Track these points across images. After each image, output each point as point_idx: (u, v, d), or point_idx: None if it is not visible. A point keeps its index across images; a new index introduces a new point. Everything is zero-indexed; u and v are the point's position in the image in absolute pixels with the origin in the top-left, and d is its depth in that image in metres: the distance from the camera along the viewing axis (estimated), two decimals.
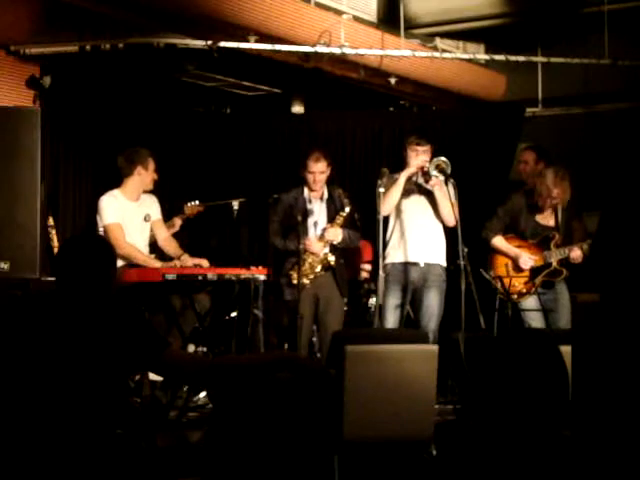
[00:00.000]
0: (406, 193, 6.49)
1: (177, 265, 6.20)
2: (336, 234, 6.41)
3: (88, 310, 3.04)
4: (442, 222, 6.51)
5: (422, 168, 6.43)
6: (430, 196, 6.52)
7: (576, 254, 6.41)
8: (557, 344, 2.28)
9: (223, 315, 7.34)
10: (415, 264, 6.47)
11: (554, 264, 6.52)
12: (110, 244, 3.36)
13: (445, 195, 6.37)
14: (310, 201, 6.53)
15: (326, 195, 6.56)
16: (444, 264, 6.54)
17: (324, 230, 6.46)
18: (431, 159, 6.42)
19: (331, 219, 6.47)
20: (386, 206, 6.36)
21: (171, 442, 5.41)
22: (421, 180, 6.54)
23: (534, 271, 6.56)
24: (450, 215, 6.33)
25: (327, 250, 6.44)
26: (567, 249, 6.47)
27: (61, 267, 3.12)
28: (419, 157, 6.42)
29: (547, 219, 6.61)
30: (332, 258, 6.42)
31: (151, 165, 6.38)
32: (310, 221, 6.50)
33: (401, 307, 6.50)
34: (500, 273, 6.58)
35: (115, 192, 6.35)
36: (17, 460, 2.86)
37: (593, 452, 2.93)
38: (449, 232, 6.54)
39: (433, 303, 6.44)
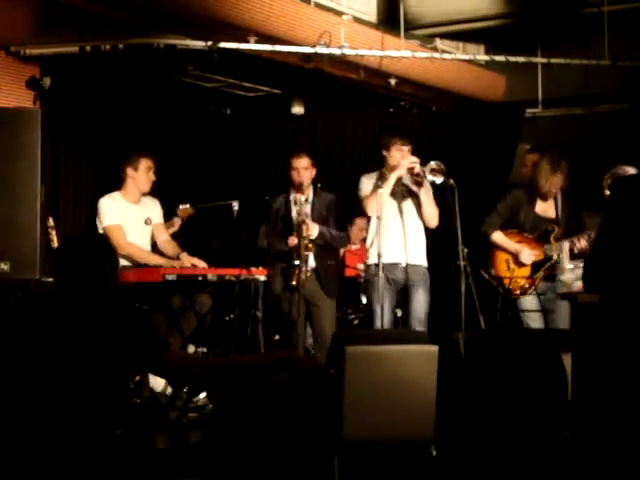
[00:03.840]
0: (392, 194, 6.51)
1: (176, 265, 6.21)
2: (311, 227, 6.41)
3: (87, 310, 3.04)
4: (424, 223, 6.55)
5: (412, 169, 6.45)
6: (415, 197, 6.55)
7: (582, 244, 6.42)
8: (556, 345, 2.28)
9: (223, 315, 7.34)
10: (397, 264, 6.47)
11: (555, 257, 6.53)
12: (111, 243, 3.36)
13: (430, 197, 6.43)
14: (296, 203, 6.54)
15: (311, 197, 6.59)
16: (426, 264, 6.56)
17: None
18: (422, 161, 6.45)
19: (315, 220, 6.49)
20: (374, 206, 6.37)
21: (171, 442, 5.41)
22: (408, 181, 6.57)
23: (535, 265, 6.57)
24: (433, 217, 6.40)
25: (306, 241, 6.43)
26: (567, 242, 6.48)
27: (59, 266, 3.12)
28: (407, 157, 6.45)
29: (547, 211, 6.63)
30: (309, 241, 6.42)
31: (142, 165, 6.38)
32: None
33: (393, 307, 6.55)
34: (501, 270, 6.59)
35: (115, 194, 6.39)
36: (17, 461, 2.86)
37: (593, 452, 2.93)
38: (448, 233, 6.54)
39: (420, 301, 6.46)
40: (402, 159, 6.46)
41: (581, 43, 8.35)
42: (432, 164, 6.39)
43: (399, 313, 6.84)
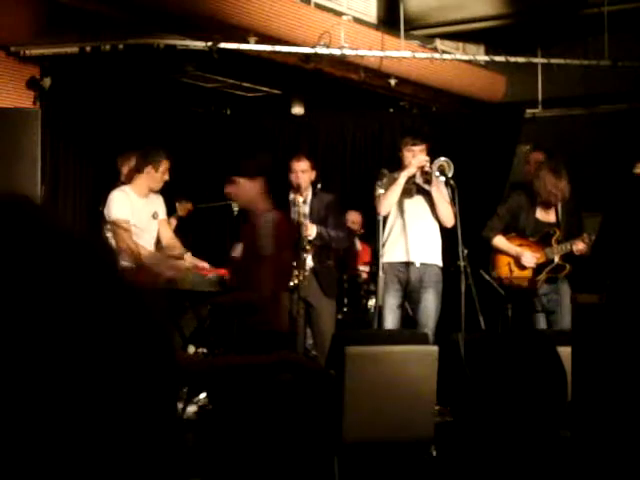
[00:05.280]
0: (404, 193, 6.51)
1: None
2: (309, 228, 6.42)
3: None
4: (439, 223, 6.53)
5: (422, 168, 6.46)
6: (428, 196, 6.54)
7: (579, 247, 6.42)
8: (555, 345, 2.28)
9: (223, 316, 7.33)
10: (412, 264, 6.48)
11: (557, 260, 6.53)
12: (111, 246, 3.36)
13: (442, 196, 6.42)
14: (294, 204, 6.56)
15: (309, 198, 6.60)
16: (440, 264, 6.56)
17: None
18: (432, 159, 6.43)
19: (313, 220, 6.50)
20: (385, 205, 6.38)
21: (171, 442, 5.40)
22: (419, 180, 6.57)
23: (537, 268, 6.57)
24: (447, 216, 6.38)
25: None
26: (569, 244, 6.47)
27: None
28: (417, 157, 6.45)
29: (547, 215, 6.63)
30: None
31: (163, 166, 6.42)
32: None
33: (400, 307, 6.53)
34: (503, 272, 6.59)
35: (126, 188, 6.41)
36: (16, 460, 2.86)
37: (593, 452, 2.93)
38: (448, 233, 6.54)
39: (430, 303, 6.47)
40: (413, 159, 6.47)
41: (581, 43, 8.35)
42: (438, 161, 6.38)
43: (410, 312, 6.83)
